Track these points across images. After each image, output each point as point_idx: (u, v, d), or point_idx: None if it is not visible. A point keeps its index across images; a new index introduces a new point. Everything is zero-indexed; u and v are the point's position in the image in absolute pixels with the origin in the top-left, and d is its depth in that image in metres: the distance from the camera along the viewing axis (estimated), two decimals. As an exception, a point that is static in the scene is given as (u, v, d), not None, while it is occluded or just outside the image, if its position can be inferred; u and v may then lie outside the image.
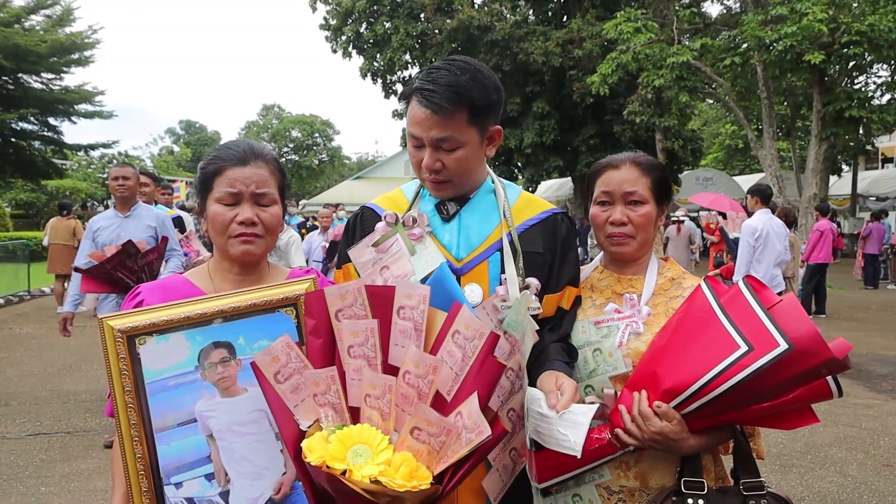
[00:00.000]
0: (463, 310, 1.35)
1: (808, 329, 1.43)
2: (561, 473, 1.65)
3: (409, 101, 1.62)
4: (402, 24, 21.66)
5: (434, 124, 1.56)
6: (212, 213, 1.51)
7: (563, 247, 1.75)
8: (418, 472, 1.20)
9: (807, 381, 1.44)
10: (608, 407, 1.65)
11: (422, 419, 1.23)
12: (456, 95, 1.55)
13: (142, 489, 1.38)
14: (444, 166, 1.61)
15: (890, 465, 4.81)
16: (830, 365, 1.42)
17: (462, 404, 1.26)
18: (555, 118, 21.25)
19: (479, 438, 1.21)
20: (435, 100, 1.54)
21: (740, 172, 31.24)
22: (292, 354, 1.33)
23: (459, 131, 1.59)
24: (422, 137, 1.59)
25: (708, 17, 19.45)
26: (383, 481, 1.16)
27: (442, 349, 1.34)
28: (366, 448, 1.21)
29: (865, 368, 7.75)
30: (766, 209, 7.11)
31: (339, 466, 1.17)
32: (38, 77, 23.98)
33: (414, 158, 1.66)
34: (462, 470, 1.24)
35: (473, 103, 1.57)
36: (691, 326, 1.58)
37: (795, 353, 1.40)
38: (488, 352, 1.33)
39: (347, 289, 1.38)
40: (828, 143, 16.30)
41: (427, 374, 1.28)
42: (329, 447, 1.20)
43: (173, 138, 59.74)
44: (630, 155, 1.85)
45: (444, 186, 1.67)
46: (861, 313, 11.96)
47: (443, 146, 1.59)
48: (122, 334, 1.38)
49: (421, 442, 1.23)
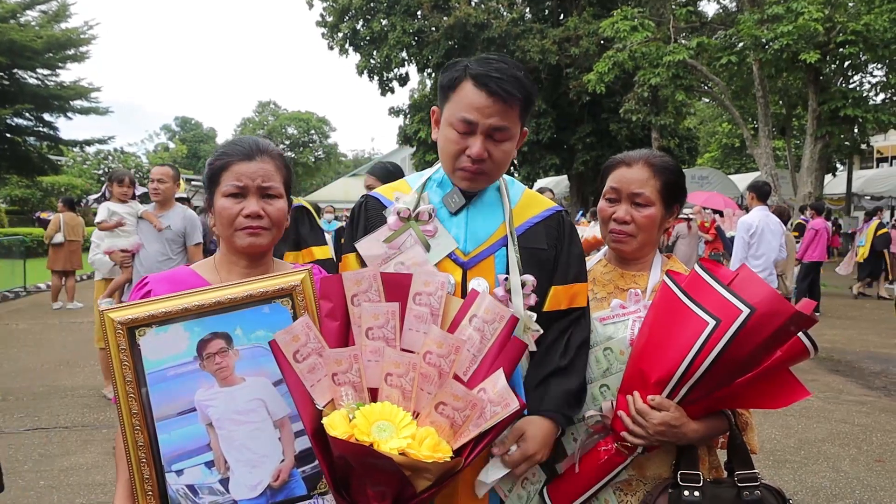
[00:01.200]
0: (482, 295, 1.42)
1: (766, 292, 1.49)
2: (579, 496, 1.68)
3: (458, 88, 1.60)
4: (399, 22, 21.65)
5: (495, 112, 1.56)
6: (219, 206, 1.55)
7: (568, 241, 1.76)
8: (440, 446, 1.26)
9: (780, 341, 1.49)
10: (608, 418, 1.68)
11: (448, 394, 1.29)
12: (519, 86, 1.57)
13: (143, 476, 1.40)
14: (490, 156, 1.61)
15: (882, 461, 4.86)
16: (796, 320, 1.46)
17: (486, 380, 1.34)
18: (551, 116, 21.30)
19: (505, 411, 1.30)
20: (503, 87, 1.54)
21: (736, 171, 31.30)
22: (311, 335, 1.37)
23: (513, 123, 1.61)
24: (477, 124, 1.57)
25: (704, 15, 19.52)
26: (410, 453, 1.21)
27: (458, 332, 1.40)
28: (388, 424, 1.26)
29: (859, 366, 7.81)
30: (763, 206, 7.14)
31: (366, 440, 1.22)
32: (34, 73, 23.87)
33: (456, 146, 1.61)
34: (482, 444, 1.32)
35: (528, 97, 1.61)
36: (663, 318, 1.63)
37: (760, 316, 1.45)
38: (508, 333, 1.41)
39: (363, 275, 1.44)
40: (823, 142, 16.38)
41: (449, 354, 1.35)
42: (354, 422, 1.25)
43: (169, 135, 59.63)
44: (645, 153, 1.85)
45: (481, 179, 1.65)
46: (855, 311, 12.03)
47: (495, 136, 1.59)
48: (122, 326, 1.40)
49: (445, 417, 1.30)
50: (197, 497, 1.42)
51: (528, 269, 1.66)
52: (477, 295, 1.43)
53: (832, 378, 7.22)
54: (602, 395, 1.73)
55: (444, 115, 1.65)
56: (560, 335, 1.69)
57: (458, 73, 1.61)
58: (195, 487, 1.42)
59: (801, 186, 16.75)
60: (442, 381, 1.33)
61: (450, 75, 1.63)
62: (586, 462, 1.68)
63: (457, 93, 1.60)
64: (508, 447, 1.56)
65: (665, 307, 1.64)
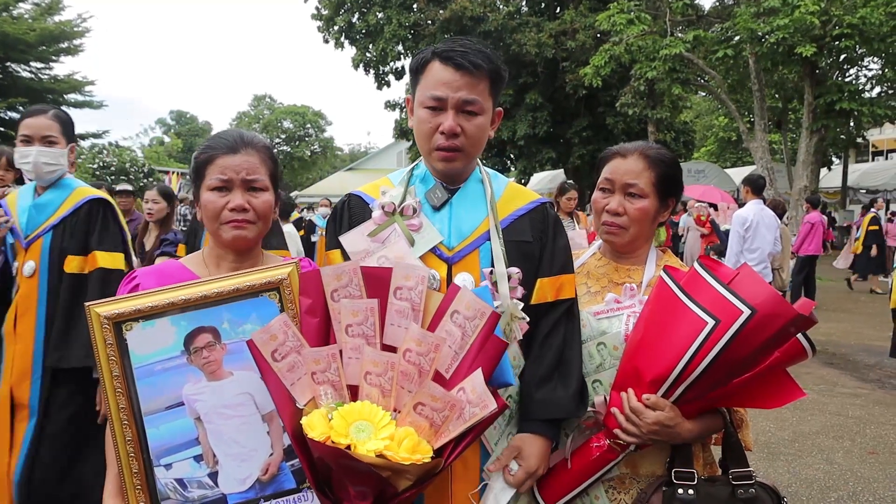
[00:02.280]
0: (462, 291, 1.40)
1: (767, 293, 1.47)
2: (569, 491, 1.67)
3: (426, 69, 1.63)
4: (395, 15, 21.57)
5: (463, 85, 1.59)
6: (204, 200, 1.54)
7: (553, 233, 1.75)
8: (420, 447, 1.25)
9: (779, 342, 1.47)
10: (601, 414, 1.67)
11: (426, 395, 1.27)
12: (486, 59, 1.61)
13: (132, 470, 1.40)
14: (463, 131, 1.62)
15: (875, 453, 4.88)
16: (797, 322, 1.44)
17: (465, 380, 1.32)
18: (547, 110, 21.25)
19: (483, 412, 1.27)
20: (469, 59, 1.58)
21: (733, 165, 31.32)
22: (289, 333, 1.35)
23: (483, 96, 1.63)
24: (446, 98, 1.60)
25: (701, 9, 19.45)
26: (388, 455, 1.19)
27: (440, 328, 1.38)
28: (367, 424, 1.24)
29: (853, 358, 7.84)
30: (758, 199, 7.14)
31: (343, 442, 1.21)
32: (27, 66, 23.75)
33: (428, 125, 1.63)
34: (462, 444, 1.30)
35: (497, 72, 1.64)
36: (660, 316, 1.61)
37: (761, 317, 1.43)
38: (489, 331, 1.38)
39: (343, 269, 1.42)
40: (819, 135, 16.38)
41: (429, 352, 1.33)
42: (332, 423, 1.23)
43: (164, 129, 59.37)
44: (641, 145, 1.83)
45: (456, 157, 1.65)
46: (850, 304, 12.06)
47: (466, 109, 1.61)
48: (108, 321, 1.40)
49: (423, 417, 1.28)
50: (186, 491, 1.42)
51: (514, 261, 1.66)
52: (458, 290, 1.41)
53: (827, 371, 7.25)
54: (594, 391, 1.72)
55: (415, 99, 1.68)
56: (551, 334, 1.67)
57: (425, 55, 1.65)
58: (184, 481, 1.42)
59: (797, 180, 16.76)
60: (422, 378, 1.31)
61: (417, 59, 1.67)
62: (578, 457, 1.67)
63: (425, 74, 1.64)
64: (505, 463, 1.57)
65: (662, 304, 1.62)
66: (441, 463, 1.28)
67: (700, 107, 34.72)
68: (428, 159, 1.71)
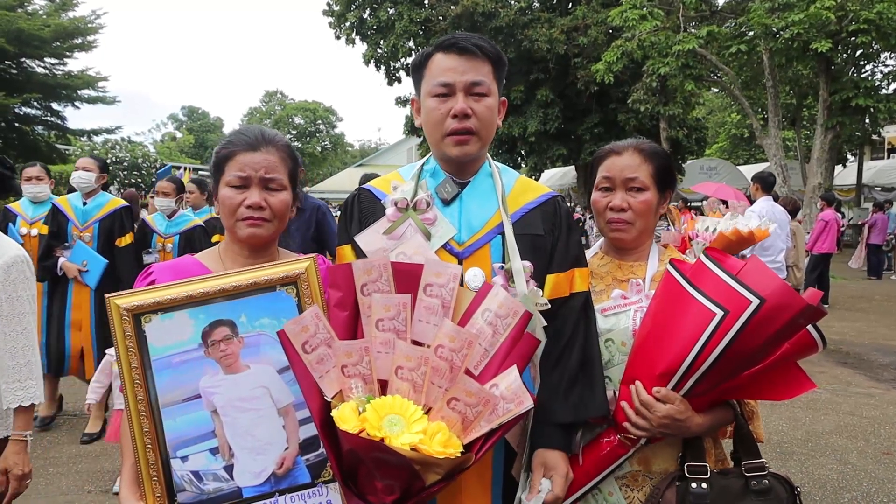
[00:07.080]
0: (495, 289, 1.41)
1: (776, 283, 1.45)
2: (581, 486, 1.66)
3: (429, 63, 1.68)
4: (406, 11, 21.53)
5: (469, 68, 1.63)
6: (222, 196, 1.55)
7: (565, 226, 1.75)
8: (451, 441, 1.26)
9: (789, 334, 1.46)
10: (610, 409, 1.66)
11: (461, 390, 1.28)
12: (486, 44, 1.67)
13: (149, 462, 1.41)
14: (474, 113, 1.64)
15: (889, 454, 4.84)
16: (807, 313, 1.43)
17: (499, 376, 1.33)
18: (559, 106, 21.14)
19: (518, 409, 1.29)
20: (470, 44, 1.63)
21: (745, 162, 31.08)
22: (320, 325, 1.36)
23: (488, 78, 1.66)
24: (454, 83, 1.63)
25: (714, 4, 19.28)
26: (421, 449, 1.20)
27: (470, 325, 1.39)
28: (399, 418, 1.25)
29: (867, 358, 7.77)
30: (767, 196, 7.10)
31: (377, 434, 1.21)
32: (41, 62, 23.89)
33: (439, 112, 1.66)
34: (492, 439, 1.31)
35: (498, 56, 1.70)
36: (668, 308, 1.60)
37: (770, 307, 1.42)
38: (522, 328, 1.40)
39: (373, 264, 1.43)
40: (833, 132, 16.20)
41: (461, 349, 1.33)
42: (365, 416, 1.24)
43: (176, 124, 59.69)
44: (633, 141, 1.85)
45: (469, 140, 1.66)
46: (864, 303, 11.94)
47: (475, 91, 1.64)
48: (128, 313, 1.41)
49: (456, 412, 1.29)
50: (201, 483, 1.43)
51: (525, 255, 1.65)
52: (490, 288, 1.42)
53: (840, 370, 7.19)
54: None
55: (422, 94, 1.71)
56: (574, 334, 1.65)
57: (425, 51, 1.71)
58: (200, 473, 1.43)
59: (811, 177, 16.59)
60: (453, 375, 1.32)
61: (419, 57, 1.72)
62: (589, 453, 1.67)
63: (429, 68, 1.68)
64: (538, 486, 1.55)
65: (669, 297, 1.62)
66: (472, 458, 1.29)
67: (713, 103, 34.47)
68: (440, 147, 1.70)
